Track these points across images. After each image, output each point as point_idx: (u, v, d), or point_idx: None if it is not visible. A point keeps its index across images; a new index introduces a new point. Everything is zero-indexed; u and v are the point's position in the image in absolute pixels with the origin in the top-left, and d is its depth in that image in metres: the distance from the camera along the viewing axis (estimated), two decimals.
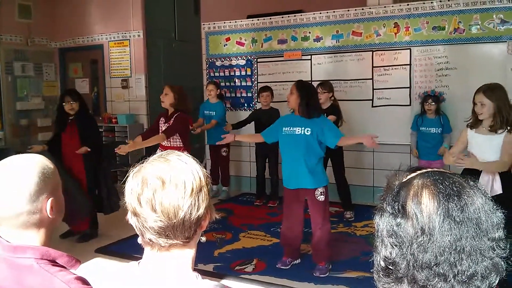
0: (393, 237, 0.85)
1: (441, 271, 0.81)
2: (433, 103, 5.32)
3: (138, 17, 7.51)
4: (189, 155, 1.19)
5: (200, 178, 1.15)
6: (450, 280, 0.81)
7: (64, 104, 4.93)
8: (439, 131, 5.33)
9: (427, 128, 5.38)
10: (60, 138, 5.01)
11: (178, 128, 4.73)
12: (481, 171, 3.44)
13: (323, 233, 4.09)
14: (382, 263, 0.87)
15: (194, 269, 1.18)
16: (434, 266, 0.81)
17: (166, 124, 4.77)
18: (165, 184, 1.10)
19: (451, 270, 0.81)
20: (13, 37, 7.57)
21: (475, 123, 3.54)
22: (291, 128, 4.09)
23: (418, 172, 0.91)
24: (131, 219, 1.13)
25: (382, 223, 0.88)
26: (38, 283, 1.27)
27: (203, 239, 1.22)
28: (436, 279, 0.81)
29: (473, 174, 3.46)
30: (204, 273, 1.00)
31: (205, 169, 1.21)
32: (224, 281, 4.00)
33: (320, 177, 4.08)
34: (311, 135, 4.00)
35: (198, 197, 1.13)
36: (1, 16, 7.31)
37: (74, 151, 4.88)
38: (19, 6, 7.61)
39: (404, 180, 0.91)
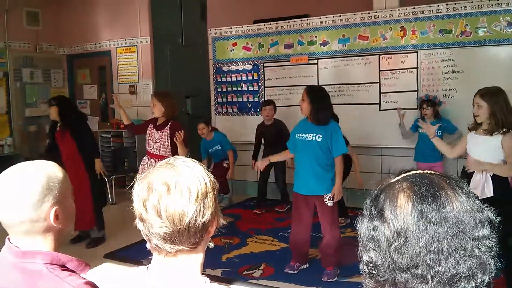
0: (372, 241, 0.86)
1: (420, 273, 0.81)
2: (429, 108, 5.32)
3: (145, 23, 7.55)
4: (195, 161, 1.19)
5: (206, 184, 1.15)
6: (429, 282, 0.81)
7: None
8: (438, 134, 5.31)
9: (426, 132, 5.37)
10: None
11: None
12: (473, 172, 3.46)
13: (332, 239, 4.09)
14: (365, 268, 0.88)
15: (202, 274, 1.18)
16: (413, 268, 0.81)
17: (159, 132, 4.62)
18: (170, 190, 1.10)
19: (429, 271, 0.81)
20: (21, 44, 7.65)
21: (475, 125, 3.58)
22: (303, 134, 4.10)
23: (402, 175, 0.91)
24: (138, 224, 1.14)
25: (362, 228, 0.89)
26: None
27: (211, 245, 1.22)
28: (416, 281, 0.81)
29: (469, 175, 3.49)
30: (212, 278, 1.01)
31: None
32: (233, 286, 4.01)
33: (330, 183, 4.06)
34: (322, 141, 4.01)
35: (204, 203, 1.13)
36: (10, 23, 7.38)
37: (68, 154, 4.95)
38: (27, 13, 7.69)
39: (384, 184, 0.91)
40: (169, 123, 4.63)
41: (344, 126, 5.62)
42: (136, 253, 4.62)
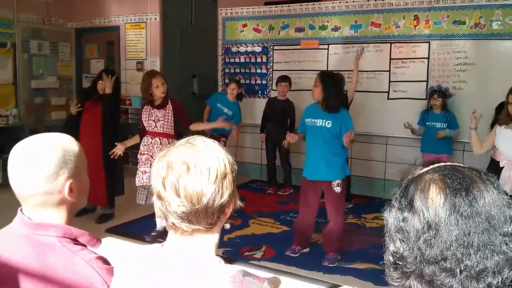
0: (400, 232, 0.85)
1: (448, 266, 0.81)
2: (439, 99, 5.29)
3: (155, 0, 7.48)
4: (215, 141, 1.19)
5: (225, 165, 1.14)
6: (457, 275, 0.80)
7: (100, 81, 5.09)
8: (444, 126, 5.31)
9: (433, 123, 5.37)
10: (80, 114, 5.12)
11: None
12: (503, 167, 3.46)
13: (336, 225, 4.11)
14: (391, 258, 0.87)
15: (217, 255, 1.18)
16: (441, 261, 0.81)
17: (162, 110, 4.60)
18: (190, 170, 1.10)
19: (458, 265, 0.80)
20: (30, 16, 7.59)
21: (506, 120, 3.57)
22: (313, 120, 4.09)
23: (431, 166, 0.90)
24: (156, 201, 1.14)
25: (390, 218, 0.88)
26: (60, 261, 1.28)
27: (227, 226, 1.22)
28: (443, 274, 0.81)
29: (496, 169, 3.49)
30: None
31: None
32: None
33: (339, 170, 4.06)
34: (332, 127, 3.99)
35: (222, 184, 1.12)
36: None
37: (93, 127, 4.98)
38: None
39: (415, 175, 0.90)
40: (169, 100, 4.66)
41: (351, 113, 5.63)
42: (138, 229, 4.65)
